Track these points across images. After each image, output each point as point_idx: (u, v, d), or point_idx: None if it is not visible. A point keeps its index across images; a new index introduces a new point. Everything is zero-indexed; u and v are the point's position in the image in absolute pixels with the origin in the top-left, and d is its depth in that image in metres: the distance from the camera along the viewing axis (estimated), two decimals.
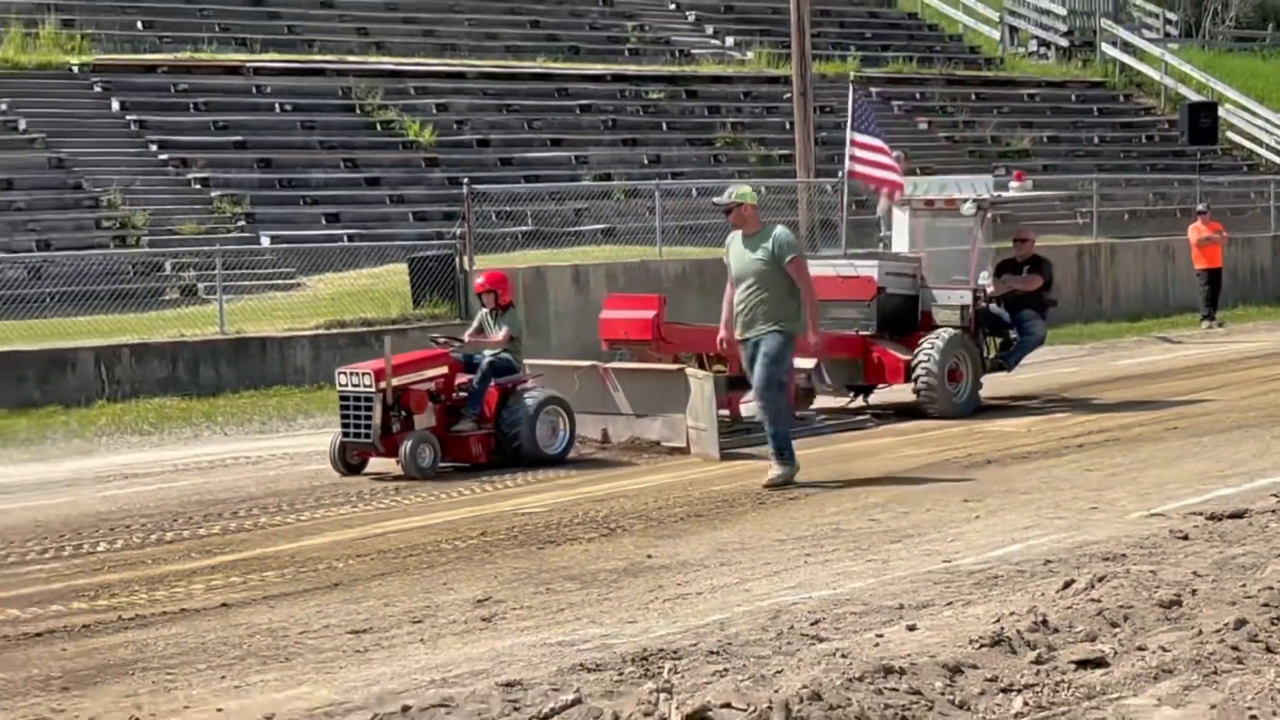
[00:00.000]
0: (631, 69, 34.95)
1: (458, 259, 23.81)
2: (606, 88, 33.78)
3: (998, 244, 20.47)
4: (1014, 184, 19.68)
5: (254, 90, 29.90)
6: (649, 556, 11.53)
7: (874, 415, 18.55)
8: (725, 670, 7.86)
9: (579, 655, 8.61)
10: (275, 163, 28.39)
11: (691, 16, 38.66)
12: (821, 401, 18.88)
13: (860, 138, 19.93)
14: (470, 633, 9.54)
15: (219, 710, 8.01)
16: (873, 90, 37.01)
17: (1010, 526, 12.02)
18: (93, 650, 9.43)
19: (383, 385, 15.06)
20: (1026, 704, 7.12)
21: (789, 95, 30.66)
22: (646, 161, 31.41)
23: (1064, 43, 43.78)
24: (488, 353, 15.85)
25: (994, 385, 21.46)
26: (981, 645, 7.90)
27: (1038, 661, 7.65)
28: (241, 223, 26.41)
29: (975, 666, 7.54)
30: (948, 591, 9.84)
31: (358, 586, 10.96)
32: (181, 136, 28.07)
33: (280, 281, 24.77)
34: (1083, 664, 7.58)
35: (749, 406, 14.83)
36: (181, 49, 30.37)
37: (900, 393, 18.73)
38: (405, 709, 7.44)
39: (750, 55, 37.07)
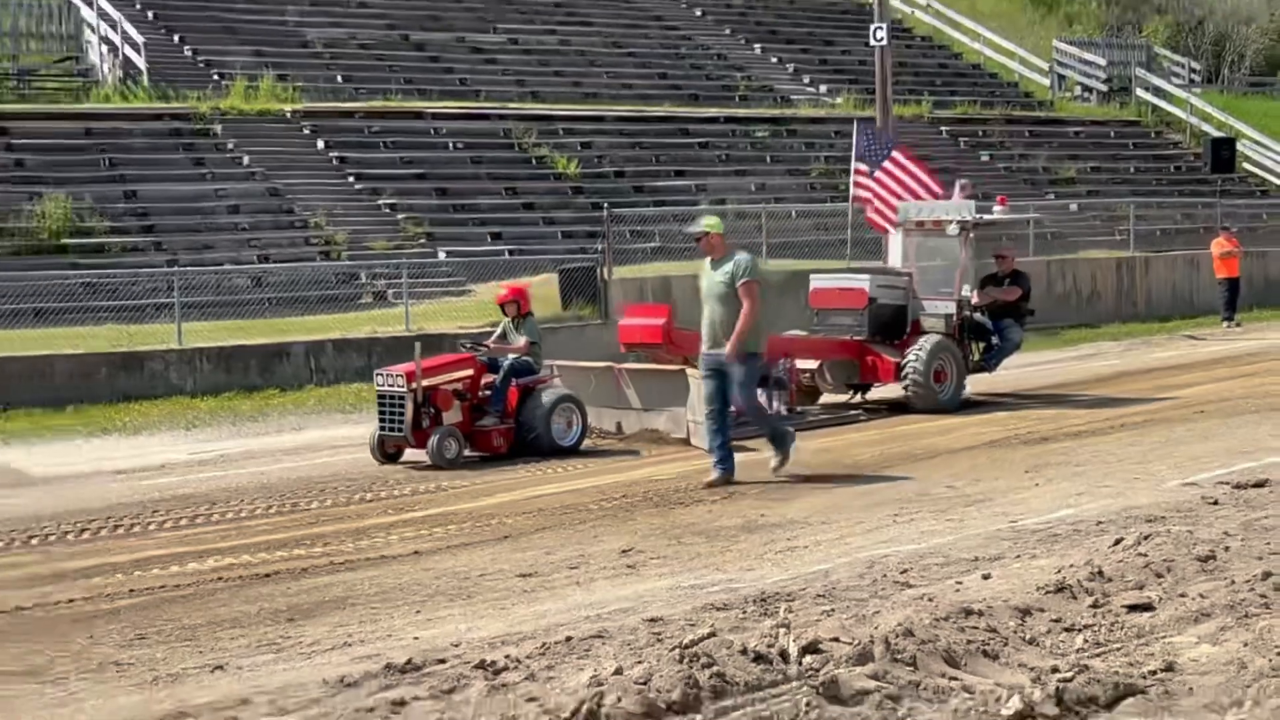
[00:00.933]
0: (741, 112, 34.82)
1: (599, 269, 23.84)
2: (720, 128, 33.68)
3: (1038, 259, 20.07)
4: (997, 208, 19.02)
5: (432, 131, 30.09)
6: (762, 516, 11.51)
7: (866, 410, 17.85)
8: (831, 610, 7.84)
9: (708, 596, 8.62)
10: (450, 191, 28.55)
11: (791, 68, 38.45)
12: (815, 399, 18.17)
13: (861, 166, 19.48)
14: (617, 577, 9.56)
15: (415, 638, 8.07)
16: (943, 128, 36.78)
17: (1066, 493, 11.88)
18: (310, 589, 9.55)
19: (413, 386, 14.56)
20: (1086, 641, 7.05)
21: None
22: (754, 189, 31.27)
23: (1104, 88, 43.17)
24: (510, 356, 15.28)
25: (1044, 374, 21.25)
26: (1046, 592, 7.84)
27: (1094, 606, 7.57)
28: (422, 240, 26.58)
29: (1042, 609, 7.48)
30: (1015, 547, 9.75)
31: (523, 539, 11.02)
32: (374, 169, 28.28)
33: (453, 288, 24.91)
34: (1133, 608, 7.50)
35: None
36: (374, 98, 30.61)
37: (894, 390, 17.94)
38: (568, 639, 7.47)
39: (840, 100, 36.81)
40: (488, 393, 15.13)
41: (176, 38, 31.00)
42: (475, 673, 6.91)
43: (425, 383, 14.60)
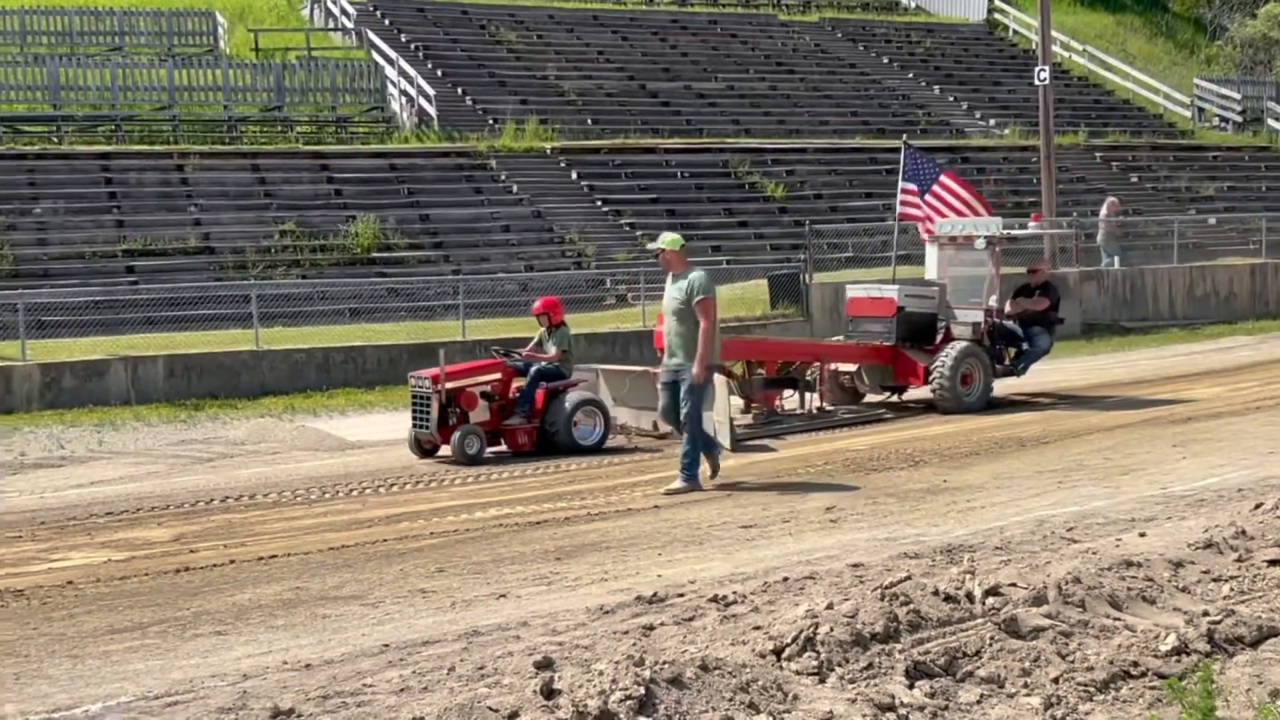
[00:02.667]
0: (921, 142, 33.92)
1: (801, 276, 23.68)
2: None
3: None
4: (1031, 223, 17.82)
5: (664, 163, 30.18)
6: (944, 481, 11.32)
7: (900, 409, 16.24)
8: (1008, 560, 7.67)
9: (901, 547, 8.52)
10: (677, 211, 28.59)
11: (965, 105, 37.57)
12: (858, 399, 16.74)
13: (907, 185, 18.17)
14: (823, 529, 9.50)
15: (659, 575, 8.14)
16: (1097, 154, 35.60)
17: (1210, 465, 11.43)
18: (572, 534, 9.68)
19: (438, 388, 13.29)
20: (1232, 590, 6.78)
21: (1036, 160, 29.68)
22: None
23: (1239, 119, 41.23)
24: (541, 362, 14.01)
25: (1186, 364, 20.44)
26: (1196, 548, 7.55)
27: (1239, 560, 7.27)
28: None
29: (1193, 562, 7.21)
30: (1167, 509, 9.42)
31: (743, 496, 11.01)
32: (616, 195, 28.49)
33: None
34: (1273, 562, 7.17)
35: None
36: (616, 136, 30.81)
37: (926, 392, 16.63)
38: (785, 579, 7.46)
39: (1007, 131, 35.84)
40: (517, 395, 13.88)
41: (460, 90, 31.67)
42: (709, 605, 6.96)
43: (449, 385, 13.36)
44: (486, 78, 32.78)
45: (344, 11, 34.77)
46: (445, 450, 13.42)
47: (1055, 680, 5.57)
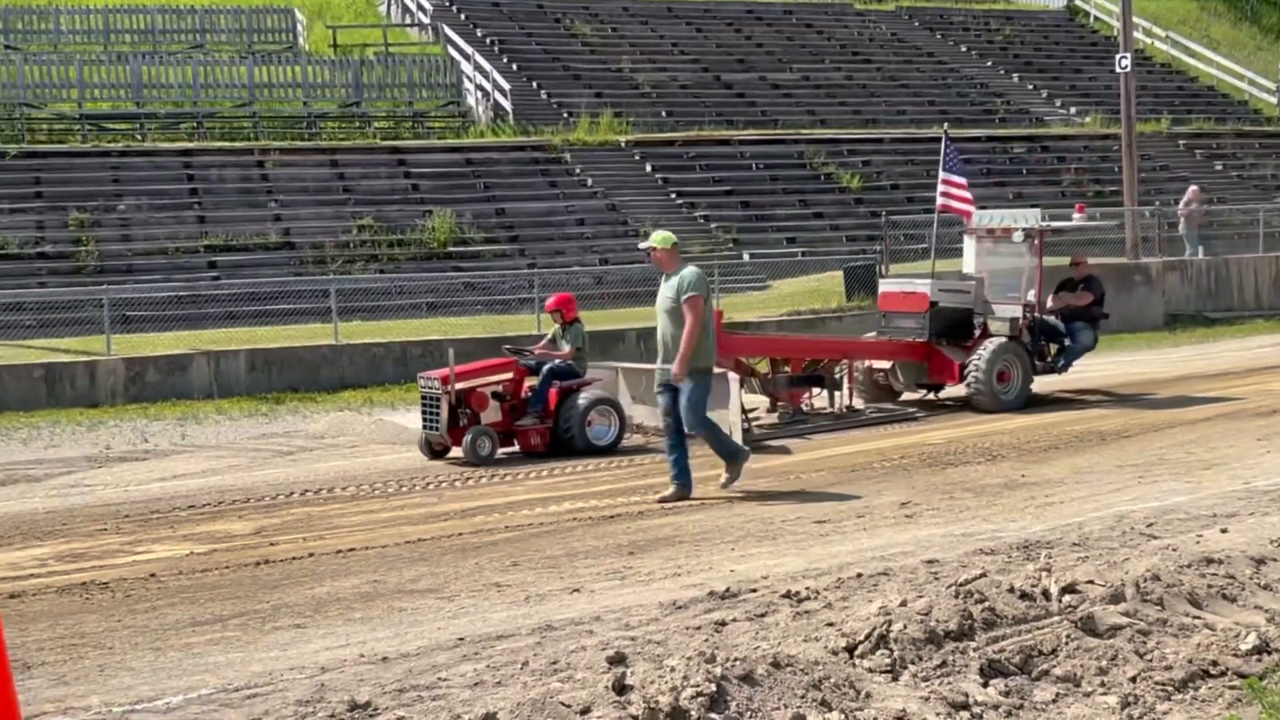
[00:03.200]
0: (1000, 132, 33.75)
1: (877, 267, 23.54)
2: (982, 145, 32.71)
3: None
4: (1076, 215, 16.85)
5: (738, 155, 30.12)
6: (1022, 475, 11.20)
7: (934, 408, 15.78)
8: (1085, 557, 7.57)
9: (977, 543, 8.44)
10: (752, 203, 28.54)
11: (1044, 93, 37.07)
12: (895, 397, 16.23)
13: (949, 177, 17.55)
14: (898, 525, 9.44)
15: (731, 571, 8.13)
16: (1180, 142, 34.98)
17: None
18: (645, 528, 9.70)
19: (448, 388, 12.91)
20: None
21: (1117, 148, 29.24)
22: (1011, 197, 30.30)
23: None
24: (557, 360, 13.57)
25: (1277, 353, 20.02)
26: (1278, 544, 7.41)
27: None
28: (730, 245, 26.67)
29: (1275, 559, 7.08)
30: (1249, 505, 9.25)
31: (817, 491, 10.98)
32: (691, 187, 28.48)
33: (755, 284, 24.95)
34: None
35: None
36: (690, 128, 30.77)
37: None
38: (858, 575, 7.42)
39: (1088, 119, 35.33)
40: (531, 394, 13.48)
41: (534, 84, 31.81)
42: (782, 601, 6.94)
43: (459, 385, 12.98)
44: (561, 71, 32.88)
45: (420, 7, 35.05)
46: (456, 452, 13.06)
47: (1132, 679, 5.51)
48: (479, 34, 33.47)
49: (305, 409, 17.32)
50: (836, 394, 15.22)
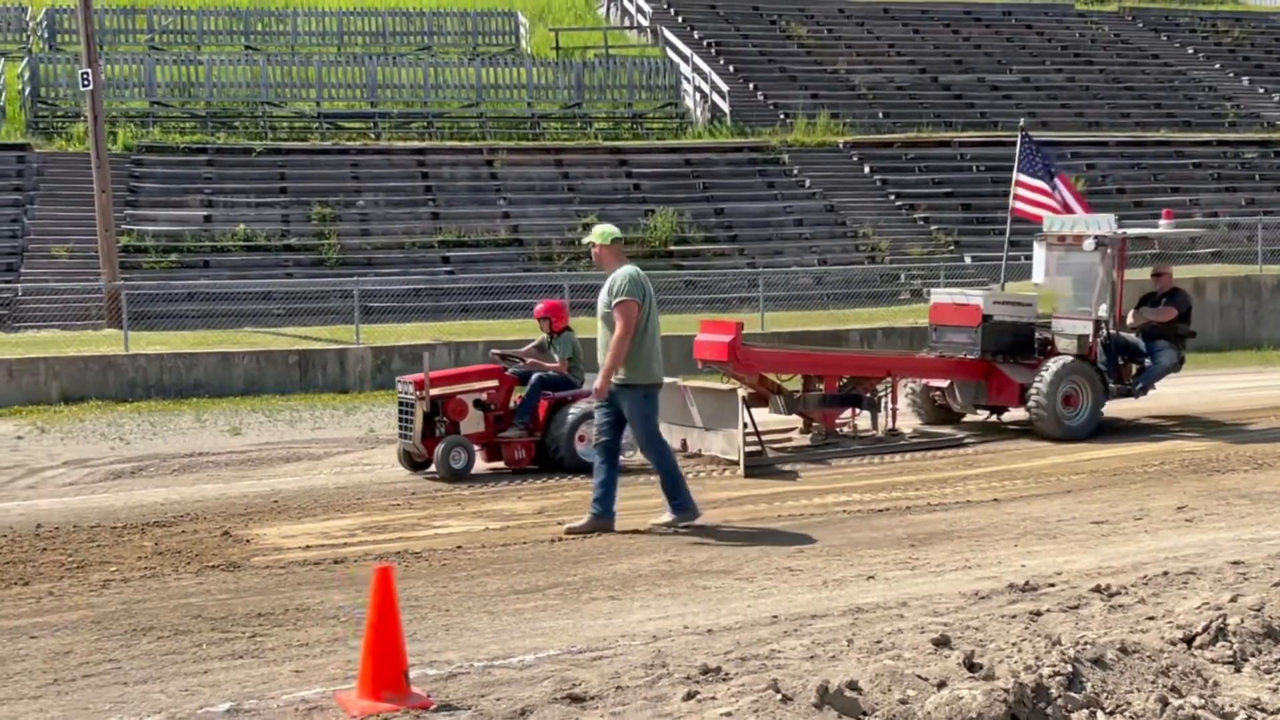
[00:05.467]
0: (1231, 136, 32.76)
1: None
2: (1212, 150, 31.83)
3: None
4: (1162, 222, 15.34)
5: (958, 156, 29.91)
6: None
7: (988, 430, 14.48)
8: None
9: (1272, 548, 8.38)
10: (973, 205, 28.31)
11: (1277, 97, 35.86)
12: (954, 419, 14.96)
13: (1024, 178, 15.73)
14: (1178, 528, 9.42)
15: (1022, 565, 8.26)
16: None
17: None
18: (918, 523, 9.87)
19: (422, 394, 11.97)
20: None
21: None
22: (1244, 203, 29.46)
23: None
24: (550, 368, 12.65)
25: None
26: None
27: None
28: (951, 247, 26.54)
29: None
30: None
31: (1084, 494, 10.98)
32: (910, 189, 28.41)
33: (978, 287, 24.71)
34: None
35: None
36: (909, 130, 30.67)
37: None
38: (1164, 573, 7.49)
39: None
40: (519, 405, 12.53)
41: (752, 86, 32.09)
42: (1092, 594, 7.08)
43: (435, 392, 12.02)
44: (778, 73, 33.11)
45: (639, 10, 35.67)
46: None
47: None
48: (696, 36, 33.93)
49: None
50: (879, 415, 13.82)
